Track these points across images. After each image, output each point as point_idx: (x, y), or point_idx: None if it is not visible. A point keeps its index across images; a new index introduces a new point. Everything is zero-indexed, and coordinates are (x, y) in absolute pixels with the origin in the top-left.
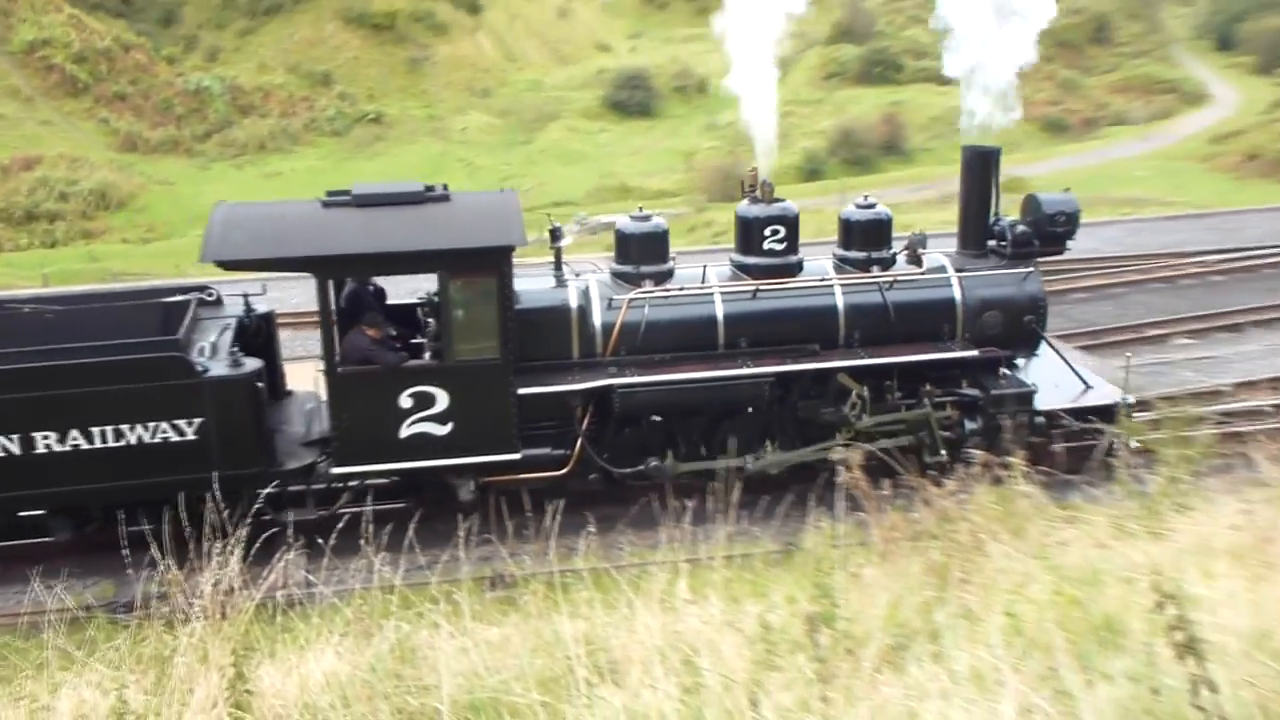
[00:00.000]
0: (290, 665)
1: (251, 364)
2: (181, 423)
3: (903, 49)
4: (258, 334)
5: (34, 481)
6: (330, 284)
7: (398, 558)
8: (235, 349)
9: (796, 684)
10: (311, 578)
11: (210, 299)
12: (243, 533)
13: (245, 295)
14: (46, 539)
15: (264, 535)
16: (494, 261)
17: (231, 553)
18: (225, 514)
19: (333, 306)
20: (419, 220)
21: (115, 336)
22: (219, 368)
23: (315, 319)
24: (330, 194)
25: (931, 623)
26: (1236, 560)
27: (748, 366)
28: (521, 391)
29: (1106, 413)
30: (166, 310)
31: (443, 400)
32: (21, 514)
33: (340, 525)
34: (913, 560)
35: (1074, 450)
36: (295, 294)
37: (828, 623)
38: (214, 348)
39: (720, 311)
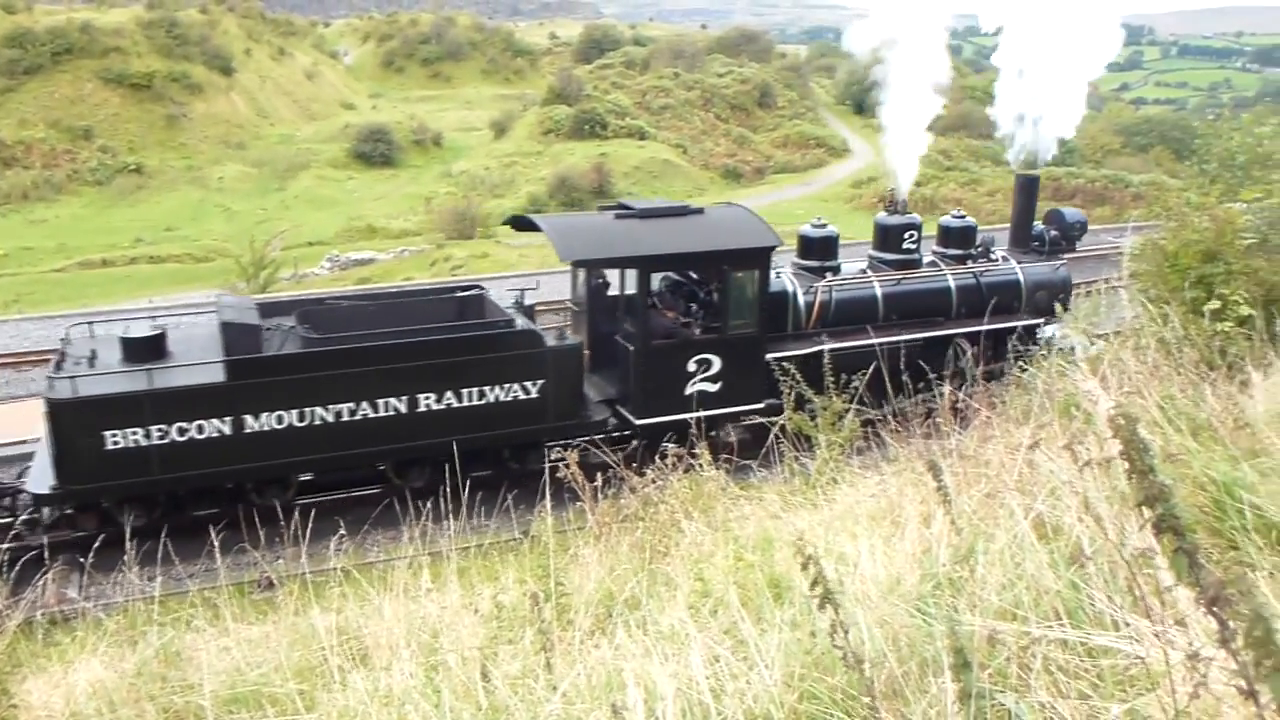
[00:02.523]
0: (57, 678)
1: (575, 337)
2: (528, 383)
3: (607, 110)
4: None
5: (415, 435)
6: (643, 276)
7: (159, 570)
8: (561, 327)
9: (524, 654)
10: (74, 594)
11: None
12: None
13: (520, 290)
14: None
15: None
16: (761, 258)
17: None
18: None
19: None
20: (696, 228)
21: (426, 323)
22: (551, 340)
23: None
24: (606, 208)
25: (635, 592)
26: (874, 523)
27: (901, 334)
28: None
29: None
30: (461, 303)
31: (717, 364)
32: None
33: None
34: (621, 540)
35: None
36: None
37: (549, 598)
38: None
39: (880, 293)
